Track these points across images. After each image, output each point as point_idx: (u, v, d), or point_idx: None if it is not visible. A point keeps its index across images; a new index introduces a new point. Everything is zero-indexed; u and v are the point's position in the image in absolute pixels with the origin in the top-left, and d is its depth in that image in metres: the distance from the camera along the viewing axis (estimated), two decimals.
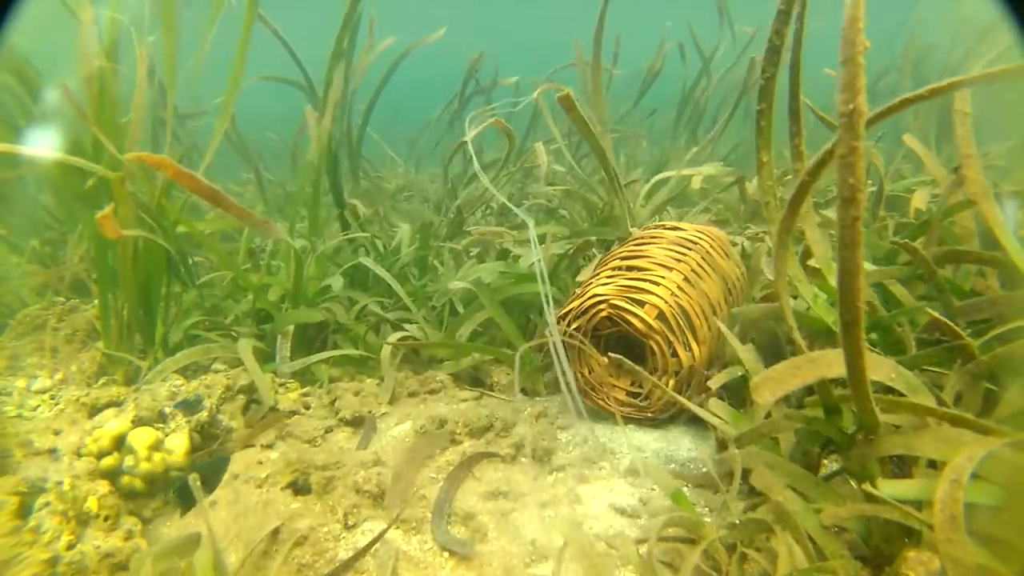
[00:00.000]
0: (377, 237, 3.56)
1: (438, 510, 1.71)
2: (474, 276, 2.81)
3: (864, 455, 1.31)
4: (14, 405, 2.23)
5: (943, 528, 1.00)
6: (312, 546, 1.62)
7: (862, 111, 0.88)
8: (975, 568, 1.00)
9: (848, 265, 0.98)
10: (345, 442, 2.16)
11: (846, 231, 0.96)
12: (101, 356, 2.56)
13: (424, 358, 2.72)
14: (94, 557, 1.56)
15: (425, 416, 2.17)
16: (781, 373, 1.21)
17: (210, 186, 1.79)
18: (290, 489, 1.86)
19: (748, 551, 1.40)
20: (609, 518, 1.71)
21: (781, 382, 1.20)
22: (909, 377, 1.34)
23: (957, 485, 1.02)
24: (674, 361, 2.04)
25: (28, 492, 1.64)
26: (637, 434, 2.12)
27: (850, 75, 0.88)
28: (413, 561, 1.59)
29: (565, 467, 1.93)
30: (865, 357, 1.10)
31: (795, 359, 1.25)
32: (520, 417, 2.15)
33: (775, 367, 1.24)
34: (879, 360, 1.32)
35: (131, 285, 2.47)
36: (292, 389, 2.49)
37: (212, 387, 2.22)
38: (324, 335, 2.82)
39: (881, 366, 1.32)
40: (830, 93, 1.04)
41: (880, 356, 1.33)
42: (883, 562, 1.33)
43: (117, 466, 1.82)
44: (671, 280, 2.12)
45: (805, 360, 1.24)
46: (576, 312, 2.15)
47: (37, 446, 1.93)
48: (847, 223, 0.95)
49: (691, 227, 2.46)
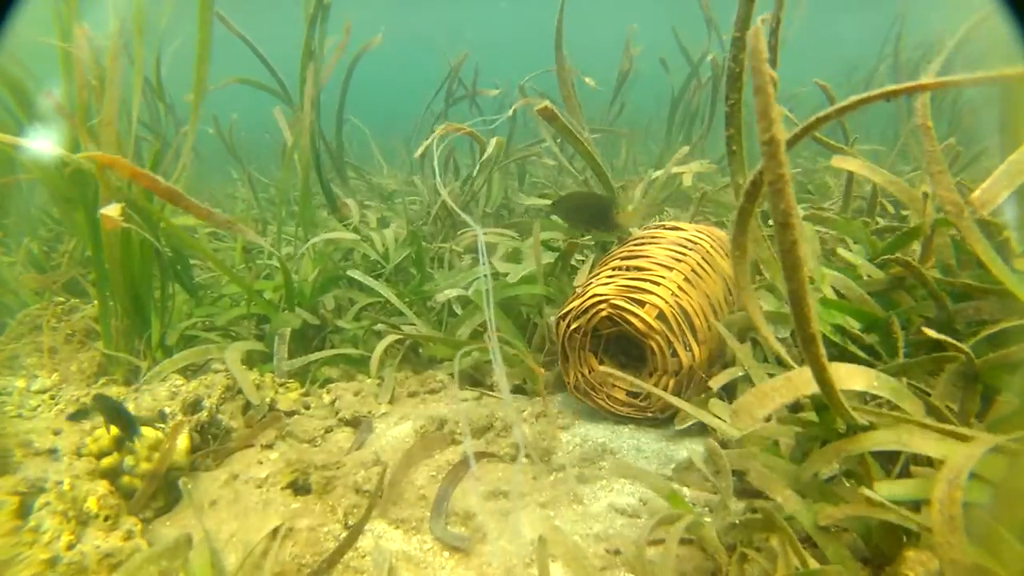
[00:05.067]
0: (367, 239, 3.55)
1: (437, 506, 1.72)
2: (467, 281, 2.82)
3: (847, 448, 1.31)
4: (14, 405, 2.23)
5: (941, 529, 1.01)
6: (312, 546, 1.63)
7: (779, 139, 0.87)
8: (974, 569, 1.00)
9: (795, 288, 0.98)
10: (345, 442, 2.16)
11: (787, 256, 0.95)
12: (100, 356, 2.56)
13: (424, 358, 2.72)
14: (94, 557, 1.56)
15: (425, 416, 2.17)
16: (759, 396, 1.24)
17: (168, 186, 1.76)
18: (290, 489, 1.86)
19: (748, 551, 1.40)
20: (609, 518, 1.71)
21: (760, 405, 1.23)
22: (892, 384, 1.35)
23: (955, 486, 1.02)
24: (674, 361, 2.04)
25: (28, 492, 1.64)
26: (637, 434, 2.12)
27: (762, 104, 0.88)
28: (413, 561, 1.59)
29: (565, 467, 1.93)
30: (828, 371, 1.12)
31: (772, 380, 1.27)
32: (520, 417, 2.15)
33: (753, 391, 1.26)
34: (858, 370, 1.32)
35: (120, 285, 2.47)
36: (292, 389, 2.49)
37: (212, 387, 2.22)
38: (323, 335, 2.83)
39: (861, 376, 1.32)
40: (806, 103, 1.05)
41: (857, 367, 1.33)
42: (883, 562, 1.34)
43: (117, 466, 1.82)
44: (671, 280, 2.12)
45: (782, 380, 1.26)
46: (576, 312, 2.15)
47: (37, 446, 1.93)
48: (787, 247, 0.94)
49: (691, 227, 2.46)
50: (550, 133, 4.24)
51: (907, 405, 1.34)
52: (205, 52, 2.69)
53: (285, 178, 3.86)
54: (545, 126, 3.98)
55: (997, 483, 1.15)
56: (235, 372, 2.32)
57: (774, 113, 0.87)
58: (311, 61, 3.48)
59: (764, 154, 0.89)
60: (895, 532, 1.31)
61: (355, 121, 5.98)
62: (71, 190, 2.55)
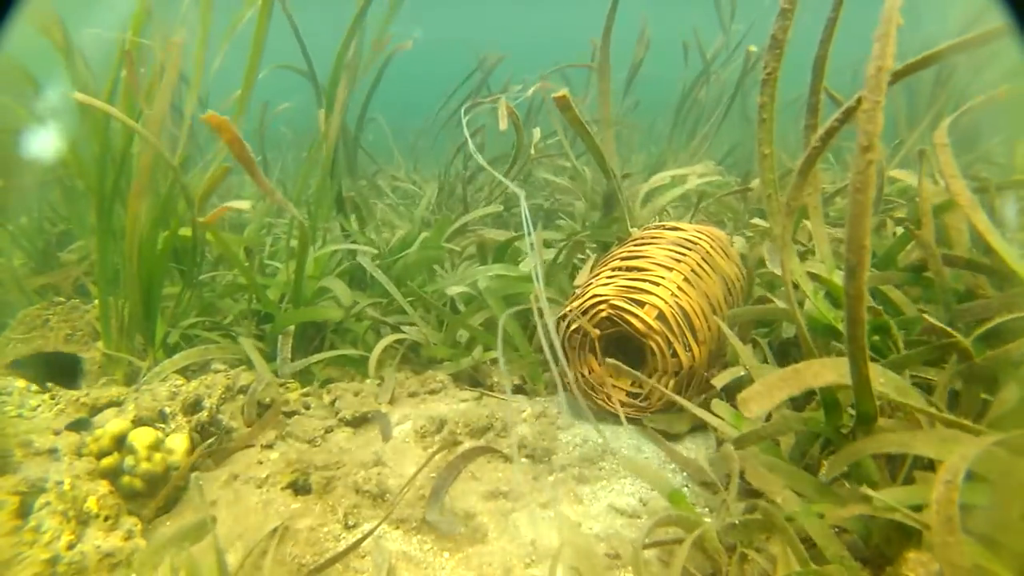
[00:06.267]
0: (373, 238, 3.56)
1: (434, 495, 1.72)
2: (472, 279, 2.82)
3: (859, 450, 1.31)
4: (14, 405, 2.23)
5: (939, 530, 1.00)
6: (312, 546, 1.63)
7: (888, 68, 1.02)
8: (973, 569, 1.00)
9: (858, 208, 1.06)
10: (345, 442, 2.16)
11: (860, 176, 1.04)
12: (101, 356, 2.57)
13: (424, 358, 2.72)
14: (94, 557, 1.56)
15: (425, 416, 2.17)
16: (768, 386, 1.24)
17: (251, 156, 1.94)
18: (290, 489, 1.86)
19: (748, 551, 1.40)
20: (609, 518, 1.72)
21: (769, 395, 1.23)
22: (897, 381, 1.35)
23: (952, 486, 1.02)
24: (674, 361, 2.04)
25: (28, 492, 1.64)
26: (637, 435, 2.12)
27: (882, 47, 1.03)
28: (413, 561, 1.59)
29: (565, 467, 1.93)
30: (864, 299, 1.15)
31: (782, 371, 1.28)
32: (520, 417, 2.15)
33: (763, 380, 1.26)
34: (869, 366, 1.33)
35: (135, 282, 2.48)
36: (293, 389, 2.49)
37: (212, 387, 2.22)
38: (323, 335, 2.83)
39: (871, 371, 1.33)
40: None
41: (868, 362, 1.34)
42: (883, 563, 1.34)
43: (117, 466, 1.83)
44: (671, 280, 2.12)
45: (791, 371, 1.27)
46: (576, 312, 2.15)
47: (37, 446, 1.93)
48: (862, 168, 1.04)
49: (691, 227, 2.46)
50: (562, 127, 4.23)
51: (911, 402, 1.34)
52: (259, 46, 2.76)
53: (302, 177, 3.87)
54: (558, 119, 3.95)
55: (996, 482, 1.15)
56: (254, 359, 2.39)
57: (890, 50, 1.03)
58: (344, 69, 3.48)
59: (868, 85, 1.03)
60: (895, 533, 1.31)
61: (380, 121, 6.00)
62: (87, 185, 2.58)
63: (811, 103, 1.76)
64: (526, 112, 5.68)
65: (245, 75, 2.79)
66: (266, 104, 5.28)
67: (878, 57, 1.03)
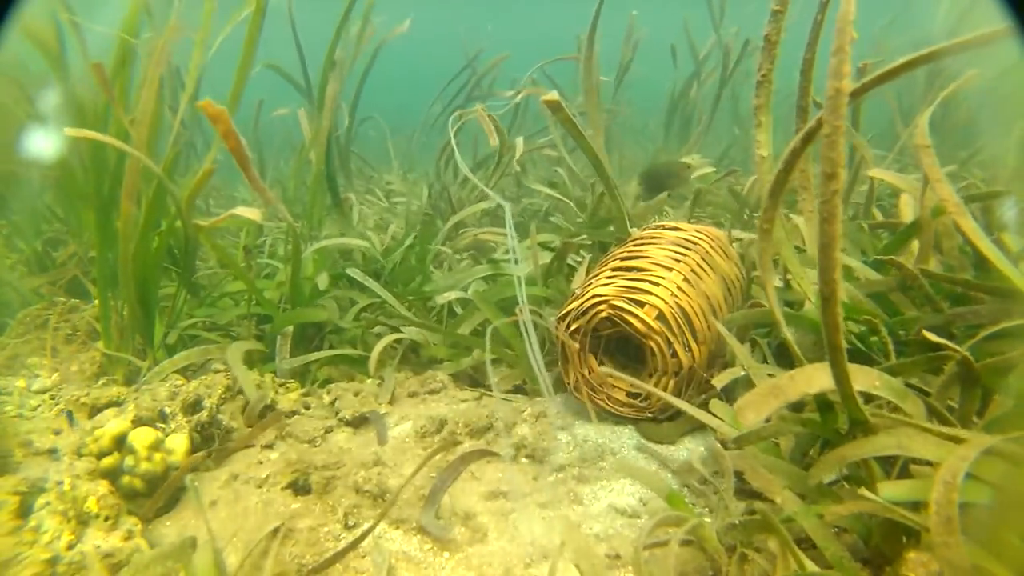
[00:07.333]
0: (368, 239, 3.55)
1: (431, 497, 1.72)
2: (466, 281, 2.82)
3: (851, 454, 1.31)
4: (14, 405, 2.23)
5: (939, 531, 1.01)
6: (312, 546, 1.63)
7: (845, 91, 0.98)
8: (972, 570, 1.00)
9: (826, 238, 1.04)
10: (345, 442, 2.16)
11: (826, 205, 1.02)
12: (101, 356, 2.56)
13: (424, 358, 2.72)
14: (94, 557, 1.56)
15: (425, 416, 2.17)
16: (764, 394, 1.24)
17: (246, 152, 1.91)
18: (290, 489, 1.86)
19: (748, 551, 1.40)
20: (609, 518, 1.72)
21: (765, 403, 1.23)
22: (894, 384, 1.35)
23: (951, 487, 1.02)
24: (674, 362, 2.04)
25: (28, 492, 1.64)
26: (637, 435, 2.12)
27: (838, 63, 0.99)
28: (413, 561, 1.59)
29: (565, 467, 1.94)
30: (840, 328, 1.14)
31: (777, 379, 1.28)
32: (520, 417, 2.15)
33: (758, 388, 1.26)
34: (860, 369, 1.33)
35: (131, 283, 2.48)
36: (292, 389, 2.49)
37: (212, 387, 2.22)
38: (322, 335, 2.83)
39: (864, 375, 1.32)
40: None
41: (860, 366, 1.34)
42: (883, 563, 1.34)
43: (117, 466, 1.83)
44: (671, 280, 2.12)
45: (786, 379, 1.26)
46: (576, 313, 2.15)
47: (37, 446, 1.93)
48: (827, 197, 1.01)
49: (690, 227, 2.46)
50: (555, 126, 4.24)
51: (908, 406, 1.35)
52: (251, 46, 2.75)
53: (297, 171, 3.87)
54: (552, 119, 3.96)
55: (996, 483, 1.16)
56: (236, 371, 2.32)
57: (846, 70, 0.99)
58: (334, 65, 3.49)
59: (826, 107, 1.00)
60: (895, 533, 1.31)
61: (377, 118, 6.01)
62: (86, 187, 2.57)
63: (800, 106, 1.76)
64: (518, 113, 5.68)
65: (236, 73, 2.78)
66: (261, 102, 5.27)
67: (835, 75, 0.98)
